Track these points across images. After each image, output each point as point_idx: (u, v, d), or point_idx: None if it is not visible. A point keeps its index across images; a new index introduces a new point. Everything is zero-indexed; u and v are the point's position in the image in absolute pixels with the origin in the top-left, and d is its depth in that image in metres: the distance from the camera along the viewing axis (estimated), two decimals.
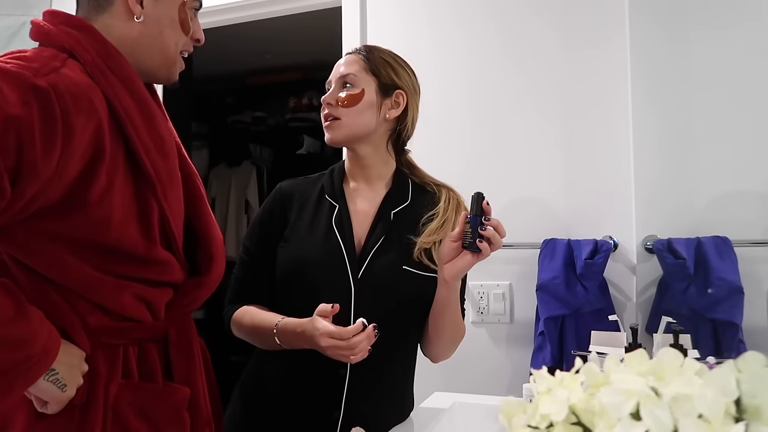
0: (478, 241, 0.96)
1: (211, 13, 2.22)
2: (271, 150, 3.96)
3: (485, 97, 1.79)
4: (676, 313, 1.43)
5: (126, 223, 0.85)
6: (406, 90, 1.16)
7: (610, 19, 1.66)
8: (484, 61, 1.80)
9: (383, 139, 1.17)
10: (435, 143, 1.80)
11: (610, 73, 1.65)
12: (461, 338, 1.16)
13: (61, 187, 0.78)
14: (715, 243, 1.44)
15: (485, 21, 1.81)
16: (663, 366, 0.49)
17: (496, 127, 1.77)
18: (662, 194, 1.56)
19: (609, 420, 0.47)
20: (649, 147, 1.57)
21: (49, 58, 0.84)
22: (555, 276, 1.58)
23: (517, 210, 1.73)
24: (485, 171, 1.76)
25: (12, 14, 2.45)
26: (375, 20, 1.95)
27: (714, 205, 1.49)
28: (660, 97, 1.58)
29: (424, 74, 1.87)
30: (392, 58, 1.18)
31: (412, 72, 1.20)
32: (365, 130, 1.13)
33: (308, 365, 1.06)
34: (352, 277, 1.07)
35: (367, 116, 1.13)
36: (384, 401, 1.10)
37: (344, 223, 1.11)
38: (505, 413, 0.56)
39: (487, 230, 0.96)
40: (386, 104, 1.14)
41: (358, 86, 1.13)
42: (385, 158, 1.18)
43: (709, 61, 1.53)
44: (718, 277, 1.42)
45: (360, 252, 1.09)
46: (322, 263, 1.08)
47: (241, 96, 3.92)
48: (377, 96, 1.13)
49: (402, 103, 1.15)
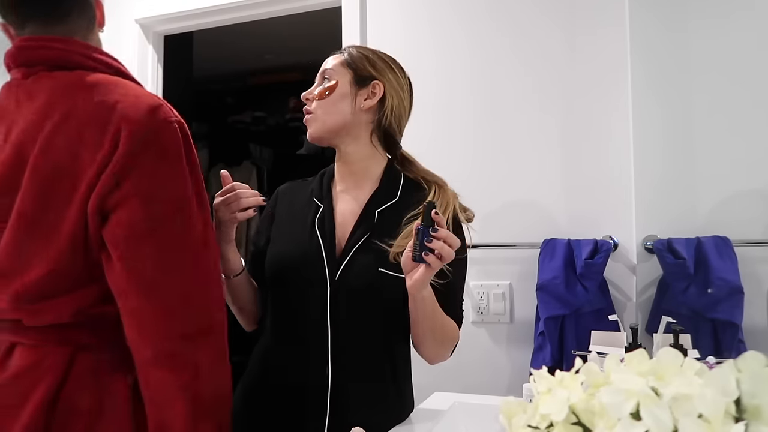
0: (424, 254, 0.92)
1: (211, 13, 2.22)
2: (271, 150, 3.96)
3: (485, 96, 1.79)
4: (676, 313, 1.43)
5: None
6: (383, 80, 1.15)
7: (609, 14, 1.66)
8: (484, 61, 1.80)
9: (365, 131, 1.15)
10: (434, 143, 1.80)
11: (609, 72, 1.65)
12: (452, 341, 1.12)
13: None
14: (715, 243, 1.44)
15: (485, 20, 1.81)
16: (663, 366, 0.49)
17: (495, 127, 1.77)
18: (662, 194, 1.56)
19: (609, 420, 0.47)
20: (649, 147, 1.57)
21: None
22: (555, 276, 1.58)
23: (517, 210, 1.73)
24: (485, 171, 1.76)
25: None
26: (375, 20, 1.95)
27: (714, 205, 1.49)
28: (660, 98, 1.58)
29: (424, 74, 1.88)
30: (374, 54, 1.18)
31: (398, 68, 1.19)
32: (339, 121, 1.12)
33: (294, 365, 1.08)
34: (330, 278, 1.07)
35: (341, 107, 1.12)
36: (372, 400, 1.08)
37: (326, 223, 1.11)
38: (505, 413, 0.56)
39: (433, 242, 0.92)
40: (362, 94, 1.13)
41: (333, 79, 1.14)
42: (370, 152, 1.16)
43: (710, 59, 1.52)
44: (718, 277, 1.42)
45: (340, 253, 1.09)
46: (302, 264, 1.09)
47: (241, 96, 3.93)
48: (351, 87, 1.13)
49: (378, 92, 1.14)
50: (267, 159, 3.95)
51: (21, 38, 0.98)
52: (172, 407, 0.86)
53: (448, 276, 1.05)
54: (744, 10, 1.49)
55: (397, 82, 1.17)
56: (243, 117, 3.92)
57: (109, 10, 2.36)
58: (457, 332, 1.12)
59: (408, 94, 1.20)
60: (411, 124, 1.23)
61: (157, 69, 2.38)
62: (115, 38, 2.34)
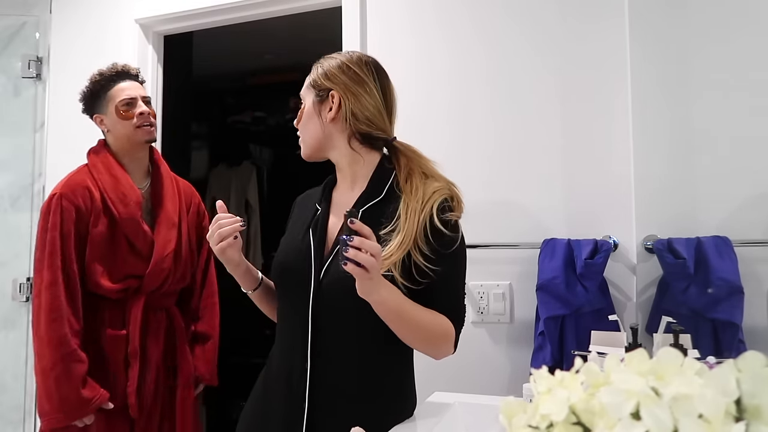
0: (343, 263, 0.92)
1: (211, 13, 2.22)
2: (271, 150, 3.96)
3: (485, 96, 1.79)
4: (676, 313, 1.43)
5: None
6: (336, 87, 1.15)
7: (609, 16, 1.66)
8: (484, 62, 1.80)
9: (341, 140, 1.16)
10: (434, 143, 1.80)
11: (610, 73, 1.65)
12: (442, 338, 1.09)
13: None
14: (715, 243, 1.44)
15: (485, 20, 1.81)
16: (663, 366, 0.49)
17: (495, 127, 1.77)
18: (662, 194, 1.56)
19: (609, 420, 0.47)
20: (649, 147, 1.57)
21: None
22: (555, 276, 1.58)
23: (517, 210, 1.73)
24: (485, 171, 1.76)
25: (12, 14, 2.45)
26: (375, 20, 1.95)
27: (714, 204, 1.49)
28: (660, 98, 1.58)
29: (424, 73, 1.88)
30: (326, 61, 1.19)
31: (357, 65, 1.16)
32: (316, 138, 1.18)
33: (282, 367, 1.13)
34: (314, 280, 1.10)
35: (312, 126, 1.18)
36: (357, 407, 1.08)
37: (319, 226, 1.15)
38: (505, 413, 0.56)
39: (348, 251, 0.91)
40: (324, 108, 1.16)
41: (303, 102, 1.20)
42: (353, 157, 1.17)
43: (710, 59, 1.53)
44: (718, 277, 1.42)
45: (327, 254, 1.12)
46: (293, 266, 1.14)
47: (241, 96, 3.92)
48: (314, 105, 1.17)
49: (336, 101, 1.15)
50: (267, 159, 3.94)
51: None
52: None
53: (431, 276, 1.04)
54: (743, 15, 1.49)
55: (354, 81, 1.15)
56: (243, 117, 3.91)
57: (109, 10, 2.40)
58: (446, 327, 1.08)
59: (374, 86, 1.16)
60: (411, 124, 1.23)
61: (157, 69, 2.38)
62: (115, 38, 2.34)
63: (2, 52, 2.45)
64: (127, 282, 1.65)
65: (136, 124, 1.70)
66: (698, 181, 1.52)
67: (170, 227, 1.73)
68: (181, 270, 1.75)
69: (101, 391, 1.57)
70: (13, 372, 2.28)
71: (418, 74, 1.86)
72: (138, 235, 1.67)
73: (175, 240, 1.73)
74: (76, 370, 1.53)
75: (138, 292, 1.67)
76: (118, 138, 1.72)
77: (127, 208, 1.66)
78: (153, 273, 1.67)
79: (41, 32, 2.44)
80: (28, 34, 2.45)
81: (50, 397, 1.52)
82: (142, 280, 1.66)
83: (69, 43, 2.42)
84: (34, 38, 2.45)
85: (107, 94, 1.71)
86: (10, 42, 2.45)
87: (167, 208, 1.75)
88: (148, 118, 1.72)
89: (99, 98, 1.72)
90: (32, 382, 2.14)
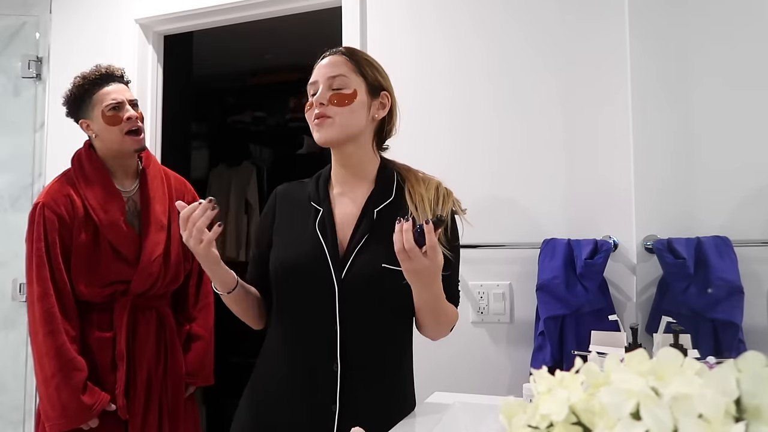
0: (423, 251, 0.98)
1: (211, 13, 2.22)
2: (271, 150, 3.95)
3: (485, 96, 1.79)
4: (676, 313, 1.43)
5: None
6: (390, 91, 1.20)
7: (609, 13, 1.66)
8: (484, 63, 1.80)
9: (369, 138, 1.19)
10: (434, 143, 1.80)
11: (610, 73, 1.65)
12: (453, 322, 1.18)
13: None
14: (715, 243, 1.44)
15: (485, 20, 1.81)
16: (663, 366, 0.49)
17: (495, 127, 1.77)
18: (662, 194, 1.56)
19: (609, 420, 0.47)
20: (649, 147, 1.57)
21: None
22: (555, 276, 1.58)
23: (517, 210, 1.73)
24: (485, 170, 1.76)
25: (12, 14, 2.45)
26: (375, 20, 1.95)
27: (714, 205, 1.49)
28: (660, 98, 1.58)
29: (424, 73, 1.88)
30: (373, 60, 1.21)
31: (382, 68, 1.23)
32: (356, 129, 1.15)
33: (303, 363, 1.12)
34: (336, 279, 1.10)
35: (359, 116, 1.15)
36: (379, 395, 1.12)
37: (327, 226, 1.14)
38: (505, 413, 0.56)
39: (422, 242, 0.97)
40: (375, 105, 1.17)
41: (349, 87, 1.14)
42: (370, 157, 1.20)
43: (710, 59, 1.53)
44: (718, 277, 1.42)
45: (343, 253, 1.13)
46: (307, 267, 1.13)
47: (241, 96, 3.92)
48: (367, 96, 1.16)
49: (387, 104, 1.19)
50: (267, 159, 3.94)
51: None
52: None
53: (448, 266, 1.10)
54: (743, 13, 1.49)
55: (392, 88, 1.22)
56: (243, 117, 3.91)
57: (109, 10, 2.40)
58: (456, 313, 1.18)
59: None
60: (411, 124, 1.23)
61: (157, 69, 2.38)
62: (115, 38, 2.34)
63: (2, 52, 2.45)
64: (114, 287, 1.63)
65: (124, 130, 1.65)
66: (698, 180, 1.52)
67: (158, 230, 1.70)
68: (172, 272, 1.72)
69: (102, 396, 1.57)
70: (13, 372, 2.28)
71: (418, 74, 1.86)
72: (122, 240, 1.64)
73: (164, 243, 1.70)
74: (75, 378, 1.54)
75: (125, 294, 1.65)
76: (106, 144, 1.68)
77: (108, 214, 1.63)
78: (140, 278, 1.65)
79: (41, 32, 2.44)
80: (28, 34, 2.45)
81: (53, 405, 1.53)
82: (130, 284, 1.65)
83: (69, 43, 2.42)
84: (34, 38, 2.45)
85: (92, 98, 1.65)
86: (10, 42, 2.45)
87: (155, 210, 1.72)
88: (136, 123, 1.67)
89: (83, 102, 1.66)
90: (32, 382, 2.14)
